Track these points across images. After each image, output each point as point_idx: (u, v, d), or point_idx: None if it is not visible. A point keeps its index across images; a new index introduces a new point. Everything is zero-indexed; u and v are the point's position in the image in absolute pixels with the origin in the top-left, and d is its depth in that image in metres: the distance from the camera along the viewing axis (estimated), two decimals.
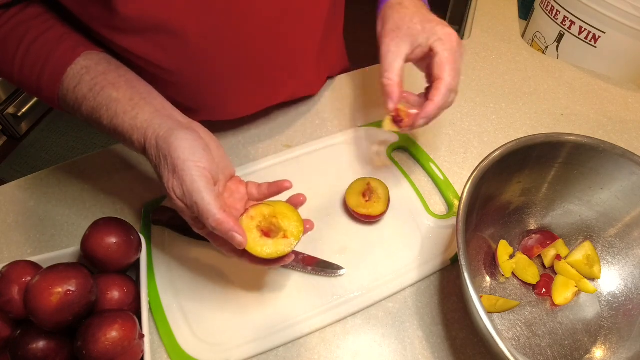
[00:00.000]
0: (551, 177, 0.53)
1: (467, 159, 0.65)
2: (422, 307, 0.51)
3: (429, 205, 0.59)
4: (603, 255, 0.53)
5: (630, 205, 0.50)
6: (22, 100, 1.81)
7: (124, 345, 0.40)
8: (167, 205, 0.58)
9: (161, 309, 0.49)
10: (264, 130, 0.68)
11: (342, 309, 0.49)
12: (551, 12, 0.84)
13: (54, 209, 0.60)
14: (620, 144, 0.48)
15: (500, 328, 0.49)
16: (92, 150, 0.65)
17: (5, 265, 0.45)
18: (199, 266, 0.53)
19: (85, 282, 0.42)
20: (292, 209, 0.43)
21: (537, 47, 0.90)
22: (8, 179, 0.98)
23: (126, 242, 0.47)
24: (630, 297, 0.50)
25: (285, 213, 0.42)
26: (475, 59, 0.80)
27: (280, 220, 0.42)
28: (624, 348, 0.46)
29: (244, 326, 0.48)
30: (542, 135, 0.49)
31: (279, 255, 0.41)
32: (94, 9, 0.43)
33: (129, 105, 0.43)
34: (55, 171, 0.64)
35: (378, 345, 0.48)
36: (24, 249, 0.56)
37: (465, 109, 0.71)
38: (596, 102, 0.74)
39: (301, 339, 0.48)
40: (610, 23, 0.74)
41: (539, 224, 0.56)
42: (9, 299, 0.42)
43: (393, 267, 0.53)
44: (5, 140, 1.85)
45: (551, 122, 0.70)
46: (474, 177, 0.45)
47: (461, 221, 0.42)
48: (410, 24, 0.48)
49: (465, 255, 0.40)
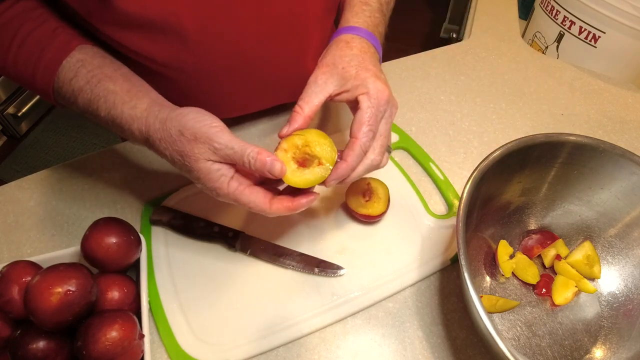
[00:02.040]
0: (551, 177, 0.53)
1: (467, 159, 0.65)
2: (422, 307, 0.51)
3: (429, 205, 0.59)
4: (603, 255, 0.53)
5: (630, 205, 0.50)
6: (22, 100, 1.81)
7: (124, 345, 0.40)
8: (167, 205, 0.58)
9: (161, 309, 0.49)
10: (264, 130, 0.68)
11: (342, 309, 0.49)
12: (551, 12, 0.84)
13: (53, 209, 0.60)
14: (620, 144, 0.48)
15: (500, 328, 0.49)
16: (92, 150, 0.65)
17: (5, 265, 0.45)
18: (199, 266, 0.53)
19: (85, 282, 0.42)
20: (324, 135, 0.43)
21: (537, 47, 0.90)
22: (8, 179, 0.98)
23: (126, 242, 0.47)
24: (630, 297, 0.50)
25: (317, 140, 0.42)
26: (475, 59, 0.80)
27: (312, 148, 0.42)
28: (624, 348, 0.46)
29: (244, 326, 0.48)
30: (542, 135, 0.49)
31: (318, 181, 0.41)
32: (92, 4, 0.43)
33: (127, 96, 0.44)
34: (55, 171, 0.64)
35: (378, 345, 0.48)
36: (24, 249, 0.56)
37: (465, 109, 0.71)
38: (596, 102, 0.74)
39: (301, 339, 0.48)
40: (610, 23, 0.74)
41: (539, 224, 0.56)
42: (9, 299, 0.42)
43: (393, 267, 0.53)
44: (5, 140, 1.85)
45: (551, 122, 0.70)
46: (474, 177, 0.45)
47: (461, 221, 0.42)
48: (347, 66, 0.45)
49: (465, 255, 0.40)
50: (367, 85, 0.44)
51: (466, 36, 0.87)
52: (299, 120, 0.43)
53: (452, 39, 1.78)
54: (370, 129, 0.43)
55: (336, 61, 0.46)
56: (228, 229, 0.54)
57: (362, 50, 0.47)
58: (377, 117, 0.43)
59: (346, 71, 0.45)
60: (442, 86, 0.75)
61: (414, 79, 0.76)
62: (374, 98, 0.43)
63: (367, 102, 0.43)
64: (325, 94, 0.45)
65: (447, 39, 1.88)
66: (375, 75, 0.44)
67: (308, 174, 0.41)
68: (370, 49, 0.48)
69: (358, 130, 0.42)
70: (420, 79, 0.76)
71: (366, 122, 0.42)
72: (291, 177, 0.41)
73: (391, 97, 0.45)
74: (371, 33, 0.49)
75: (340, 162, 0.43)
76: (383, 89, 0.44)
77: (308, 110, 0.44)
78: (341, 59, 0.46)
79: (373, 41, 0.49)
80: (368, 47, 0.48)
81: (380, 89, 0.44)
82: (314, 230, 0.56)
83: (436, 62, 0.79)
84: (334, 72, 0.45)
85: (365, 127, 0.42)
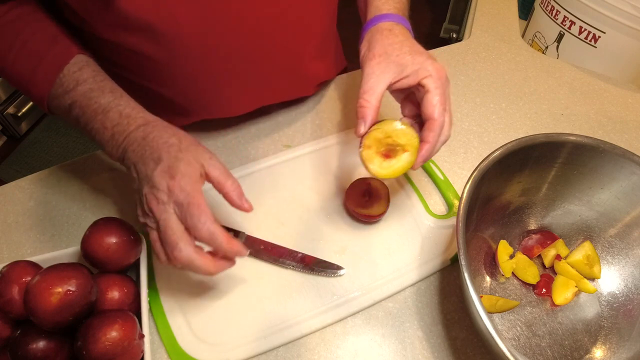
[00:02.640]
0: (551, 177, 0.53)
1: (467, 159, 0.65)
2: (422, 307, 0.51)
3: (429, 205, 0.59)
4: (603, 255, 0.53)
5: (630, 205, 0.50)
6: (22, 100, 1.81)
7: (124, 345, 0.40)
8: None
9: (161, 309, 0.49)
10: (264, 130, 0.68)
11: (342, 309, 0.49)
12: (551, 12, 0.84)
13: (53, 209, 0.60)
14: (620, 144, 0.48)
15: (500, 328, 0.49)
16: (92, 150, 0.65)
17: (5, 265, 0.45)
18: None
19: (85, 282, 0.42)
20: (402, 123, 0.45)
21: (537, 47, 0.90)
22: (8, 179, 0.98)
23: (126, 242, 0.47)
24: (630, 297, 0.50)
25: (397, 130, 0.44)
26: (475, 59, 0.80)
27: (395, 138, 0.44)
28: (624, 348, 0.46)
29: (244, 326, 0.48)
30: (542, 135, 0.49)
31: (407, 168, 0.43)
32: (92, 4, 0.43)
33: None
34: (55, 171, 0.64)
35: (378, 345, 0.48)
36: (24, 249, 0.56)
37: (465, 109, 0.71)
38: (596, 102, 0.74)
39: (301, 339, 0.48)
40: (610, 23, 0.74)
41: (539, 224, 0.56)
42: (9, 299, 0.42)
43: (393, 267, 0.53)
44: (5, 140, 1.85)
45: (551, 122, 0.70)
46: (474, 177, 0.45)
47: (461, 221, 0.42)
48: (400, 52, 0.46)
49: (465, 255, 0.40)
50: (427, 68, 0.45)
51: (466, 36, 0.87)
52: (370, 113, 0.44)
53: (452, 39, 1.78)
54: (443, 108, 0.44)
55: (387, 50, 0.46)
56: (228, 228, 0.54)
57: (405, 36, 0.48)
58: (445, 95, 0.45)
59: (401, 58, 0.46)
60: None
61: None
62: (438, 78, 0.44)
63: (433, 83, 0.44)
64: (386, 82, 0.46)
65: (447, 39, 1.89)
66: (431, 57, 0.46)
67: (396, 163, 0.43)
68: (409, 34, 0.49)
69: (433, 111, 0.44)
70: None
71: (439, 103, 0.44)
72: (380, 170, 0.43)
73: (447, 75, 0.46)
74: (404, 17, 0.51)
75: (423, 144, 0.44)
76: (441, 67, 0.45)
77: (375, 101, 0.45)
78: (392, 47, 0.46)
79: (407, 25, 0.50)
80: (408, 33, 0.49)
81: (439, 68, 0.45)
82: (314, 230, 0.56)
83: None
84: (390, 61, 0.46)
85: (439, 106, 0.44)
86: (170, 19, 0.46)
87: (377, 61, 0.46)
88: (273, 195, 0.59)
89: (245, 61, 0.55)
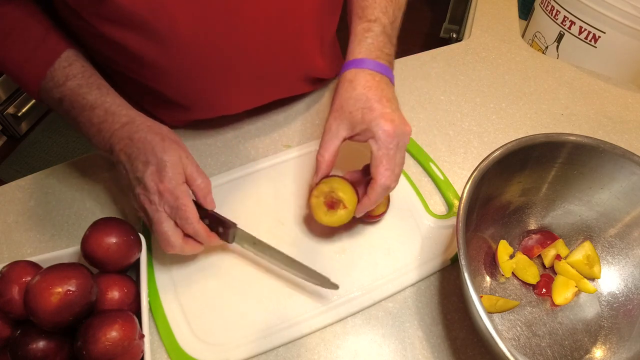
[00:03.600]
0: (551, 177, 0.53)
1: (467, 159, 0.65)
2: (422, 307, 0.51)
3: (429, 205, 0.59)
4: (603, 255, 0.53)
5: (630, 205, 0.50)
6: (22, 100, 1.81)
7: (124, 345, 0.40)
8: None
9: (161, 309, 0.49)
10: (263, 130, 0.68)
11: (342, 309, 0.49)
12: (551, 12, 0.84)
13: (54, 209, 0.60)
14: (620, 144, 0.48)
15: (500, 328, 0.49)
16: (92, 150, 0.65)
17: (5, 265, 0.45)
18: (198, 266, 0.53)
19: (85, 282, 0.42)
20: (344, 182, 0.50)
21: (537, 47, 0.90)
22: (8, 179, 0.98)
23: (126, 242, 0.47)
24: (630, 297, 0.50)
25: (340, 187, 0.50)
26: (475, 59, 0.80)
27: (337, 193, 0.50)
28: (624, 348, 0.46)
29: (244, 326, 0.48)
30: (542, 135, 0.49)
31: (344, 221, 0.50)
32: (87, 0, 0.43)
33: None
34: (55, 171, 0.64)
35: (378, 345, 0.48)
36: (24, 249, 0.56)
37: (465, 109, 0.71)
38: (596, 102, 0.74)
39: (301, 339, 0.48)
40: (610, 23, 0.74)
41: (539, 224, 0.56)
42: (9, 299, 0.42)
43: (393, 267, 0.53)
44: (5, 140, 1.85)
45: (551, 122, 0.70)
46: (474, 177, 0.45)
47: (461, 221, 0.42)
48: (353, 109, 0.47)
49: (465, 255, 0.40)
50: (372, 129, 0.46)
51: (466, 36, 0.87)
52: (323, 167, 0.50)
53: (452, 39, 1.78)
54: (385, 169, 0.46)
55: (343, 105, 0.48)
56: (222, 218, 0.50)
57: (365, 87, 0.48)
58: (389, 156, 0.46)
59: (353, 116, 0.47)
60: (442, 86, 0.75)
61: (414, 79, 0.76)
62: (382, 140, 0.46)
63: (375, 146, 0.46)
64: (340, 139, 0.49)
65: (447, 39, 1.89)
66: (380, 116, 0.46)
67: (336, 215, 0.50)
68: (374, 80, 0.48)
69: (376, 172, 0.47)
70: (420, 79, 0.76)
71: (380, 165, 0.46)
72: (324, 218, 0.50)
73: (400, 127, 0.46)
74: (374, 60, 0.50)
75: (364, 199, 0.48)
76: (388, 128, 0.45)
77: (329, 156, 0.49)
78: (347, 102, 0.48)
79: (378, 68, 0.50)
80: (372, 80, 0.48)
81: (385, 129, 0.45)
82: (314, 230, 0.56)
83: (436, 62, 0.79)
84: (343, 117, 0.48)
85: (380, 168, 0.46)
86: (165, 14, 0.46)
87: (333, 116, 0.49)
88: (273, 195, 0.59)
89: (243, 58, 0.55)
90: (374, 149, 0.46)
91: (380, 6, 0.52)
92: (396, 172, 0.47)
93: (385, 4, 0.52)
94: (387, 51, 0.52)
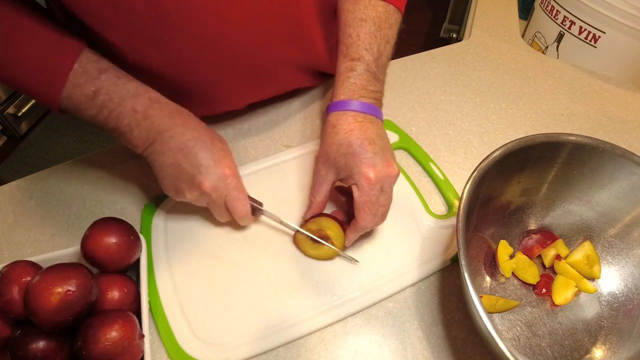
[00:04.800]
0: (551, 177, 0.53)
1: (467, 159, 0.65)
2: (422, 307, 0.51)
3: (429, 205, 0.59)
4: (603, 255, 0.53)
5: (630, 205, 0.50)
6: (22, 100, 1.81)
7: (124, 345, 0.40)
8: (167, 205, 0.58)
9: (161, 309, 0.49)
10: (263, 129, 0.68)
11: (342, 309, 0.49)
12: (551, 12, 0.84)
13: (54, 209, 0.60)
14: (620, 144, 0.48)
15: (500, 328, 0.49)
16: (92, 150, 0.65)
17: (5, 265, 0.45)
18: (199, 266, 0.53)
19: (85, 282, 0.42)
20: (333, 222, 0.52)
21: (537, 47, 0.90)
22: (8, 179, 0.98)
23: (126, 242, 0.47)
24: (630, 297, 0.50)
25: (327, 225, 0.52)
26: (475, 59, 0.80)
27: (325, 231, 0.52)
28: (624, 348, 0.46)
29: (244, 326, 0.48)
30: (542, 135, 0.49)
31: (329, 257, 0.53)
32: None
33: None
34: (55, 171, 0.64)
35: (378, 345, 0.48)
36: (24, 249, 0.56)
37: (465, 109, 0.71)
38: (596, 102, 0.74)
39: (301, 339, 0.48)
40: (610, 23, 0.74)
41: (539, 224, 0.56)
42: (9, 299, 0.42)
43: (393, 267, 0.53)
44: (5, 140, 1.85)
45: (551, 122, 0.70)
46: (474, 177, 0.45)
47: (461, 221, 0.42)
48: (336, 156, 0.48)
49: (465, 255, 0.40)
50: (354, 176, 0.47)
51: (466, 36, 0.87)
52: (313, 208, 0.53)
53: (452, 39, 1.78)
54: (367, 213, 0.48)
55: (328, 151, 0.50)
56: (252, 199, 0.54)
57: (347, 131, 0.48)
58: (372, 201, 0.47)
59: (337, 162, 0.49)
60: (442, 86, 0.75)
61: (414, 79, 0.76)
62: (363, 187, 0.47)
63: (357, 192, 0.47)
64: (329, 183, 0.52)
65: (447, 39, 1.88)
66: (361, 162, 0.47)
67: (321, 251, 0.52)
68: (356, 122, 0.49)
69: (358, 216, 0.48)
70: (420, 79, 0.76)
71: (362, 210, 0.48)
72: (310, 251, 0.53)
73: (382, 172, 0.47)
74: (357, 100, 0.50)
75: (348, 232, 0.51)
76: (370, 175, 0.46)
77: (320, 198, 0.52)
78: (330, 148, 0.49)
79: (361, 108, 0.50)
80: (354, 122, 0.49)
81: (367, 176, 0.46)
82: None
83: (436, 62, 0.79)
84: (329, 163, 0.50)
85: (362, 213, 0.48)
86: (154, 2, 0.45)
87: (321, 161, 0.51)
88: (273, 195, 0.59)
89: (242, 55, 0.54)
90: (356, 196, 0.47)
91: (364, 43, 0.51)
92: (379, 213, 0.48)
93: (370, 40, 0.52)
94: (372, 88, 0.51)
